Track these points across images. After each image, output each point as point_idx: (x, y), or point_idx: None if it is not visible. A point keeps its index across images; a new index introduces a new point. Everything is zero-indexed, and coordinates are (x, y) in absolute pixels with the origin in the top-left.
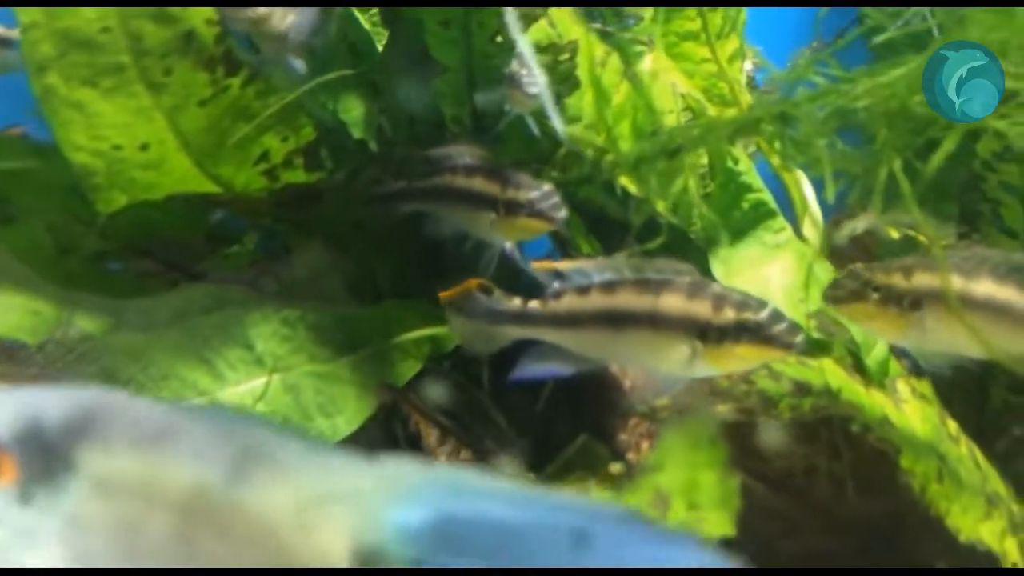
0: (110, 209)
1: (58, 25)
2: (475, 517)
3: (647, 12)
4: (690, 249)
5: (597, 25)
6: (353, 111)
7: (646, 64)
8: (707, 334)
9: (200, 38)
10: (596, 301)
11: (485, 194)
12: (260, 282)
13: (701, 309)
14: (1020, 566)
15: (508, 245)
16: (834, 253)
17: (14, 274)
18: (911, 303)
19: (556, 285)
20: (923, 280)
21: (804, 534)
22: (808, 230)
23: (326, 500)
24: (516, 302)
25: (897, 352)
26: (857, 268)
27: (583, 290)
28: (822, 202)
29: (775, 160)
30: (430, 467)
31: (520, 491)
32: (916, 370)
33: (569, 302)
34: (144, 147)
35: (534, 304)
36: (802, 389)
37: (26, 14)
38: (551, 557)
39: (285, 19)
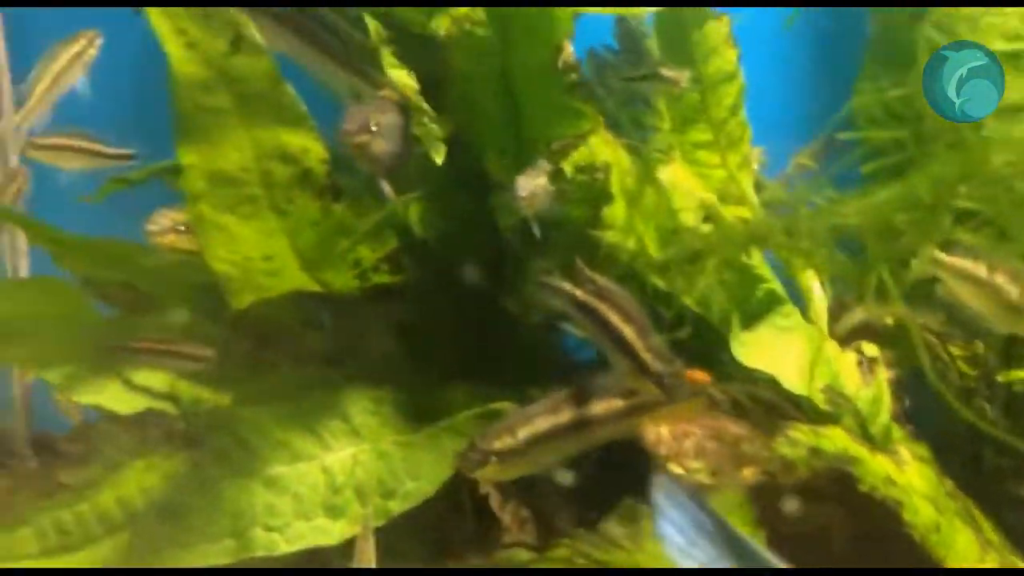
0: (241, 306)
1: (209, 166)
2: None
3: (665, 124)
4: (711, 334)
5: (623, 139)
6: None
7: (667, 172)
8: None
9: (315, 174)
10: None
11: (629, 344)
12: (342, 363)
13: None
14: None
15: None
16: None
17: None
18: (521, 453)
19: None
20: (525, 433)
21: None
22: (814, 314)
23: None
24: None
25: (898, 419)
26: (475, 439)
27: None
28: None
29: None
30: None
31: None
32: (916, 435)
33: None
34: (268, 258)
35: None
36: (816, 454)
37: (185, 156)
38: None
39: (380, 146)
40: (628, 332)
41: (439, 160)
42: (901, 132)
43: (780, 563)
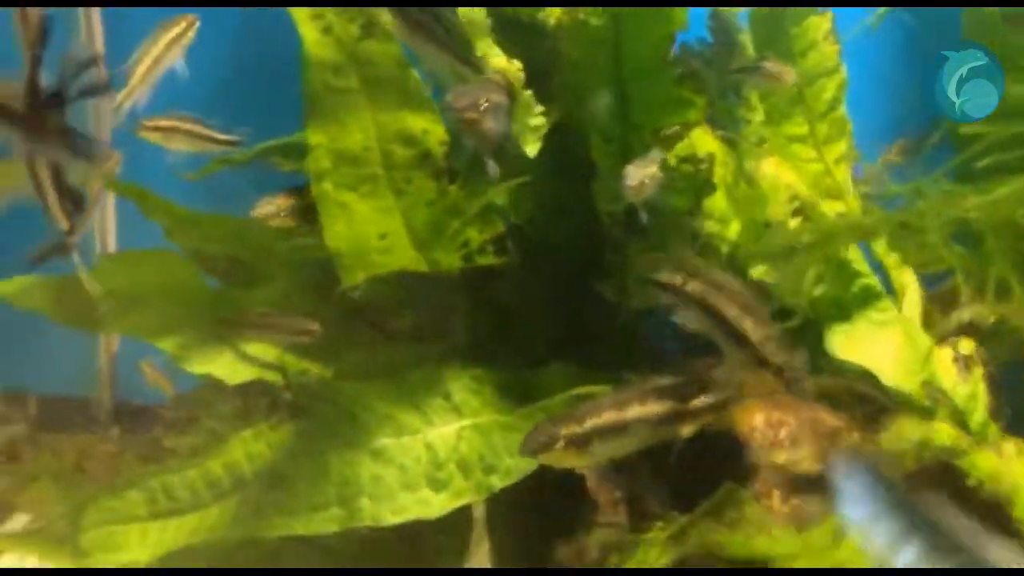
0: (352, 282)
1: (335, 145)
2: None
3: (757, 116)
4: (807, 325)
5: (717, 131)
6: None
7: (765, 165)
8: None
9: (434, 156)
10: None
11: (747, 337)
12: (443, 341)
13: None
14: None
15: None
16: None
17: None
18: (584, 441)
19: None
20: (592, 423)
21: None
22: (908, 308)
23: None
24: None
25: (994, 415)
26: (543, 423)
27: None
28: None
29: (878, 248)
30: None
31: None
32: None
33: None
34: (383, 236)
35: None
36: (924, 447)
37: (312, 136)
38: None
39: (489, 124)
40: (746, 324)
41: (531, 150)
42: (1017, 127)
43: (982, 538)
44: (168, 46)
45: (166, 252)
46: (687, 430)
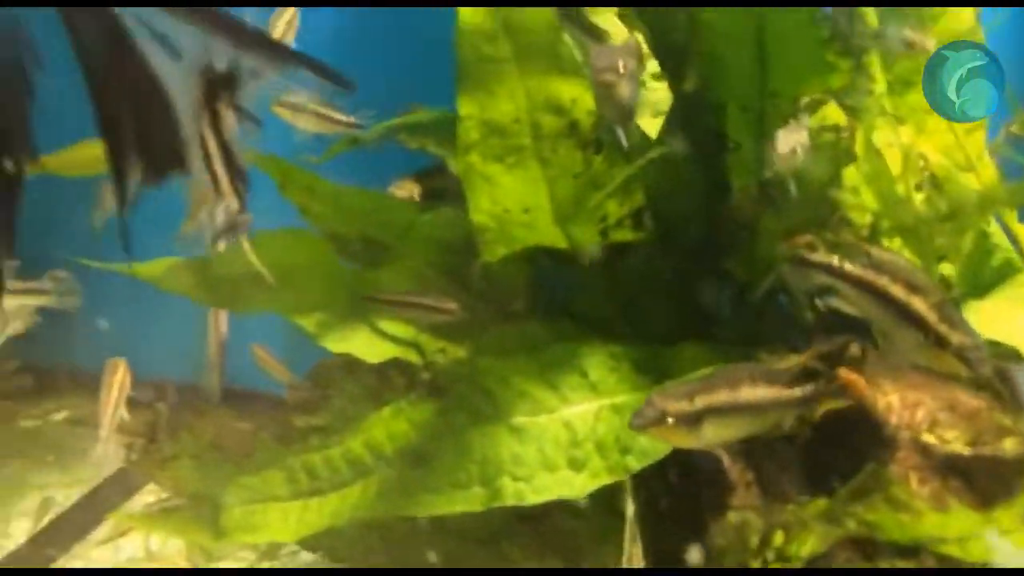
0: (492, 259)
1: (485, 116)
2: None
3: (879, 86)
4: None
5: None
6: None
7: (901, 135)
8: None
9: (581, 126)
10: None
11: (920, 317)
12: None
13: None
14: None
15: None
16: None
17: None
18: (695, 420)
19: None
20: (702, 401)
21: None
22: None
23: None
24: None
25: None
26: (654, 398)
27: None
28: None
29: (1009, 217)
30: None
31: None
32: None
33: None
34: (526, 210)
35: None
36: None
37: (463, 106)
38: None
39: (625, 89)
40: (917, 304)
41: (647, 126)
42: None
43: None
44: (282, 33)
45: (302, 231)
46: (809, 415)
